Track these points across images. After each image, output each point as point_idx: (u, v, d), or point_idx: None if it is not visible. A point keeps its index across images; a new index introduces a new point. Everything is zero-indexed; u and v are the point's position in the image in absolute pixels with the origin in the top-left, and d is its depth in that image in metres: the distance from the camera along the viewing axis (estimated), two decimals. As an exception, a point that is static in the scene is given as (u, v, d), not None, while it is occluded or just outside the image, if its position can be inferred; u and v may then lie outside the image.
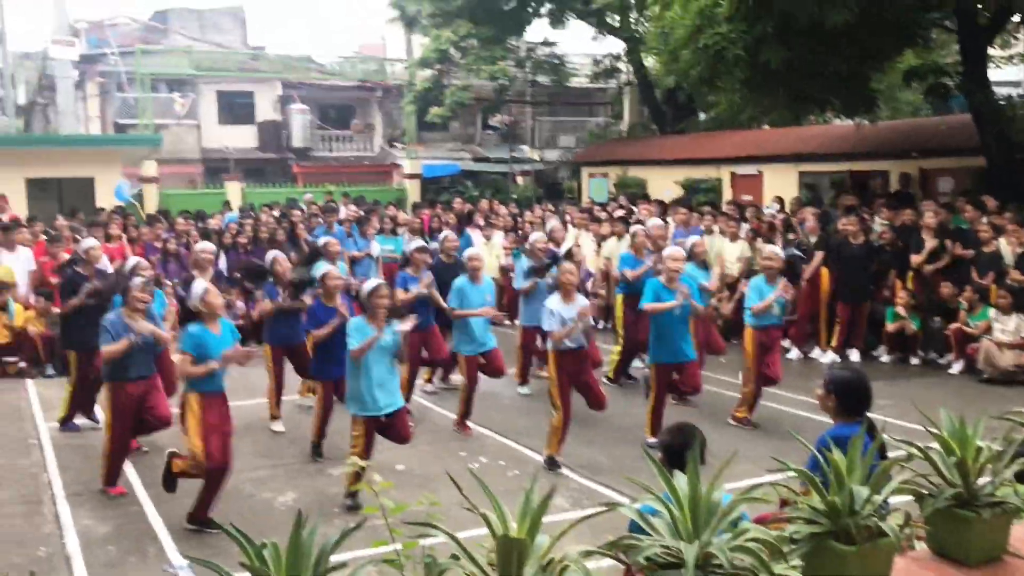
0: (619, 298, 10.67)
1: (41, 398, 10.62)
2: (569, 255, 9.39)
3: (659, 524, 2.36)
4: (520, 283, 10.37)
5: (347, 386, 7.18)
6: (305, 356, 8.98)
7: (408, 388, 9.61)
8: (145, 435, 8.01)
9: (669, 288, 8.40)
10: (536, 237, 10.56)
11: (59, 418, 9.26)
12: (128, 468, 7.93)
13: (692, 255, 9.57)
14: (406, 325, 7.19)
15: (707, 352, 10.15)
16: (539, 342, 10.36)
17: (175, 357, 7.35)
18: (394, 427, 7.12)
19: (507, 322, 12.80)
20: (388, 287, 7.29)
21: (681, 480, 2.43)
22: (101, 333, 7.17)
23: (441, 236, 11.45)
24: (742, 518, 2.64)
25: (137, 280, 7.39)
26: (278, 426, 9.15)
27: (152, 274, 8.92)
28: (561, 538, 2.32)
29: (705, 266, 10.07)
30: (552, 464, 7.75)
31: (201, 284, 6.76)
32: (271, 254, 9.59)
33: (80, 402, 9.23)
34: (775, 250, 9.44)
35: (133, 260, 9.03)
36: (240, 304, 12.55)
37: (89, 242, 9.76)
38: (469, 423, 9.06)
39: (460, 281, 9.14)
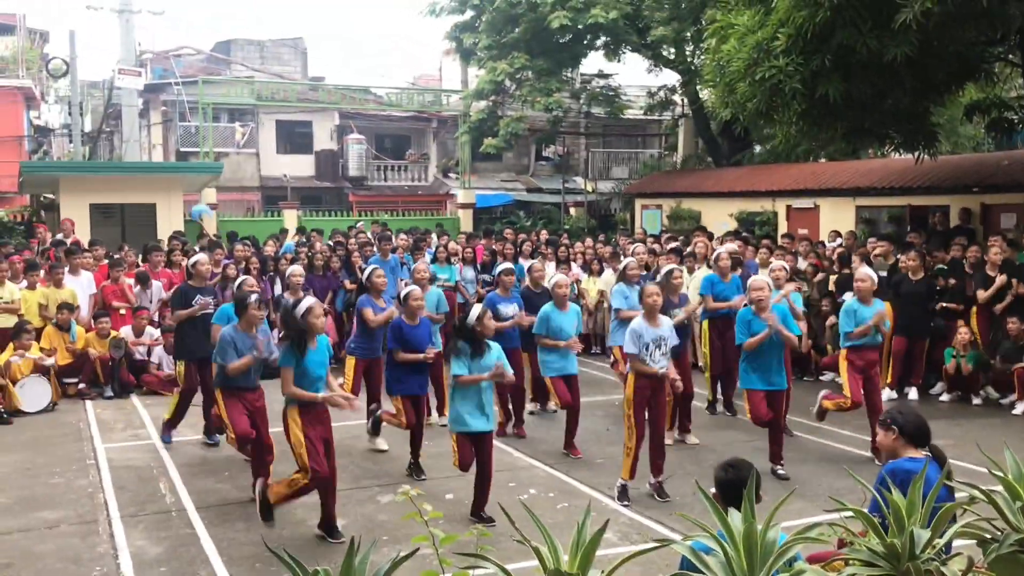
0: (704, 324, 10.63)
1: (99, 419, 10.82)
2: (669, 275, 9.45)
3: (713, 562, 2.32)
4: (618, 305, 10.33)
5: (449, 406, 7.45)
6: (380, 372, 9.25)
7: (504, 412, 9.87)
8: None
9: (759, 317, 8.38)
10: (629, 262, 10.58)
11: (164, 420, 9.76)
12: (181, 490, 8.04)
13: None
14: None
15: None
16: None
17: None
18: (483, 450, 7.30)
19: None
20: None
21: (736, 518, 2.39)
22: (222, 346, 7.64)
23: (527, 265, 11.57)
24: (797, 558, 2.59)
25: (253, 296, 7.81)
26: (383, 444, 9.33)
27: (259, 291, 9.37)
28: (613, 574, 2.29)
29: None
30: (623, 495, 7.73)
31: (309, 301, 7.05)
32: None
33: (183, 411, 9.62)
34: (868, 272, 9.40)
35: (241, 277, 9.64)
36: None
37: (198, 257, 10.18)
38: (519, 450, 9.08)
39: (547, 308, 9.31)
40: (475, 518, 7.18)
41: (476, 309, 7.39)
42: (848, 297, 9.89)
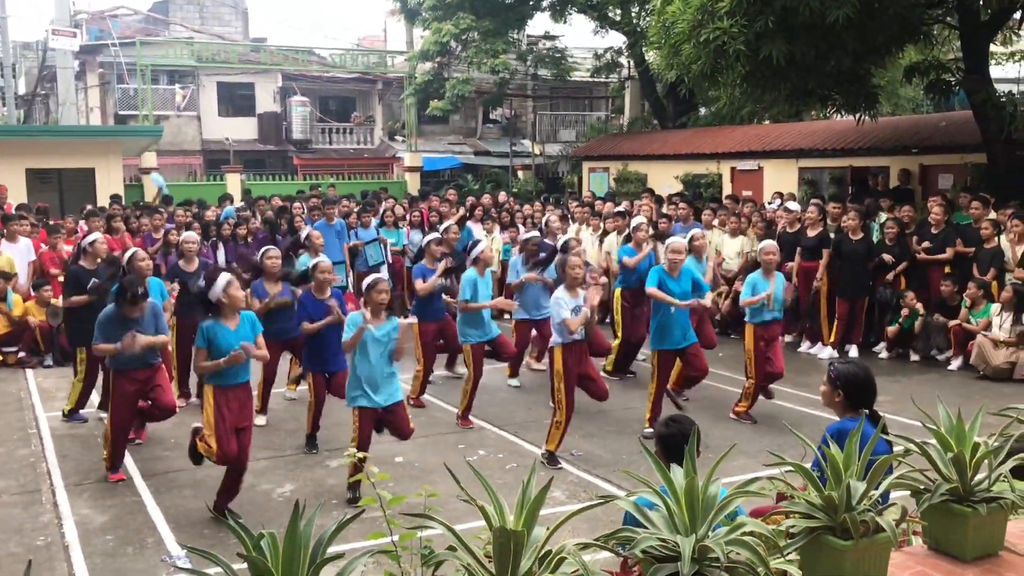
0: (617, 292, 10.67)
1: (40, 388, 10.63)
2: (566, 247, 9.40)
3: (656, 517, 2.37)
4: (512, 278, 10.40)
5: (348, 379, 7.19)
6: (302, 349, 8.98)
7: (424, 379, 9.72)
8: (151, 422, 8.02)
9: (672, 276, 8.51)
10: (529, 235, 10.61)
11: (65, 410, 9.26)
12: (127, 459, 7.95)
13: (690, 247, 9.68)
14: (406, 322, 7.20)
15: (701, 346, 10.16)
16: (532, 335, 10.44)
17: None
18: (393, 421, 7.09)
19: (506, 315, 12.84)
20: (388, 282, 7.26)
21: (678, 473, 2.43)
22: (96, 327, 7.27)
23: (443, 227, 11.44)
24: (738, 512, 2.65)
25: (130, 293, 7.26)
26: (260, 420, 9.11)
27: (150, 264, 8.92)
28: (557, 530, 2.32)
29: (700, 259, 10.17)
30: (552, 460, 7.75)
31: (225, 277, 6.69)
32: (264, 249, 9.58)
33: (86, 398, 9.21)
34: (772, 244, 9.48)
35: (132, 251, 8.98)
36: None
37: (94, 236, 9.64)
38: (471, 417, 9.08)
39: (471, 274, 9.22)
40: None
41: (372, 278, 7.20)
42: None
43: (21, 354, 11.84)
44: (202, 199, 17.96)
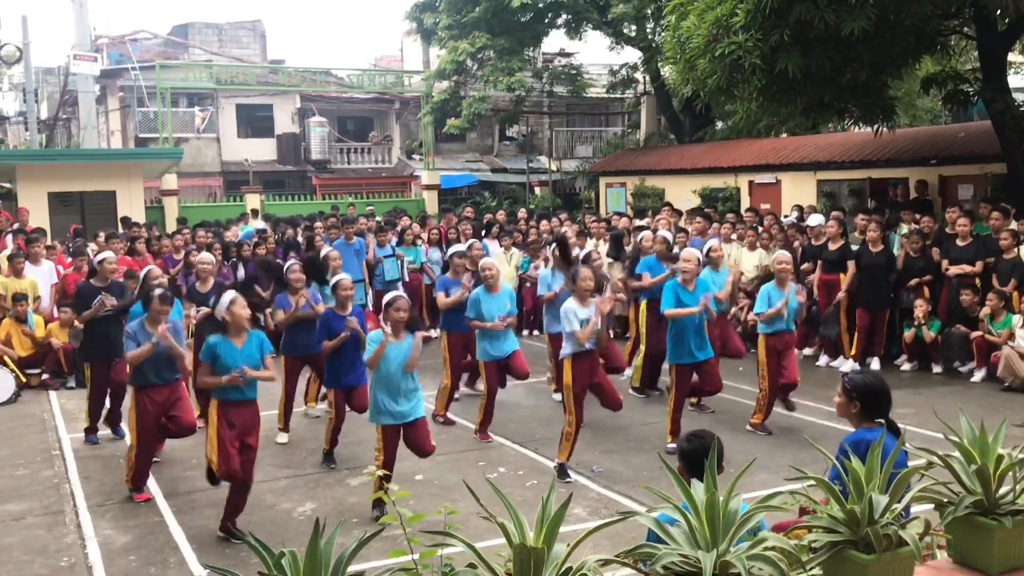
0: (643, 304, 10.62)
1: (63, 409, 10.71)
2: (588, 259, 9.42)
3: (677, 533, 2.35)
4: (543, 291, 10.38)
5: (368, 396, 7.20)
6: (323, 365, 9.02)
7: (450, 394, 9.77)
8: (171, 438, 8.08)
9: (686, 289, 8.50)
10: (549, 251, 10.67)
11: (84, 428, 9.38)
12: (149, 479, 7.99)
13: (708, 259, 9.70)
14: (419, 336, 7.22)
15: (726, 355, 10.12)
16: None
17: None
18: (414, 437, 7.08)
19: (524, 329, 12.87)
20: (407, 300, 7.28)
21: (699, 489, 2.42)
22: (125, 341, 7.42)
23: (467, 244, 11.50)
24: (760, 527, 2.63)
25: (157, 291, 7.50)
26: (283, 438, 9.20)
27: (166, 282, 9.03)
28: (578, 547, 2.32)
29: (717, 270, 10.13)
30: (562, 473, 7.75)
31: (230, 295, 6.78)
32: (289, 262, 9.70)
33: (97, 413, 9.30)
34: (786, 255, 9.50)
35: (147, 269, 9.14)
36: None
37: (105, 255, 9.82)
38: (490, 432, 9.08)
39: (477, 292, 9.20)
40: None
41: (392, 295, 7.23)
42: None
43: (44, 376, 11.93)
44: (219, 220, 18.10)
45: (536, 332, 14.33)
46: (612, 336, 9.09)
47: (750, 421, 9.14)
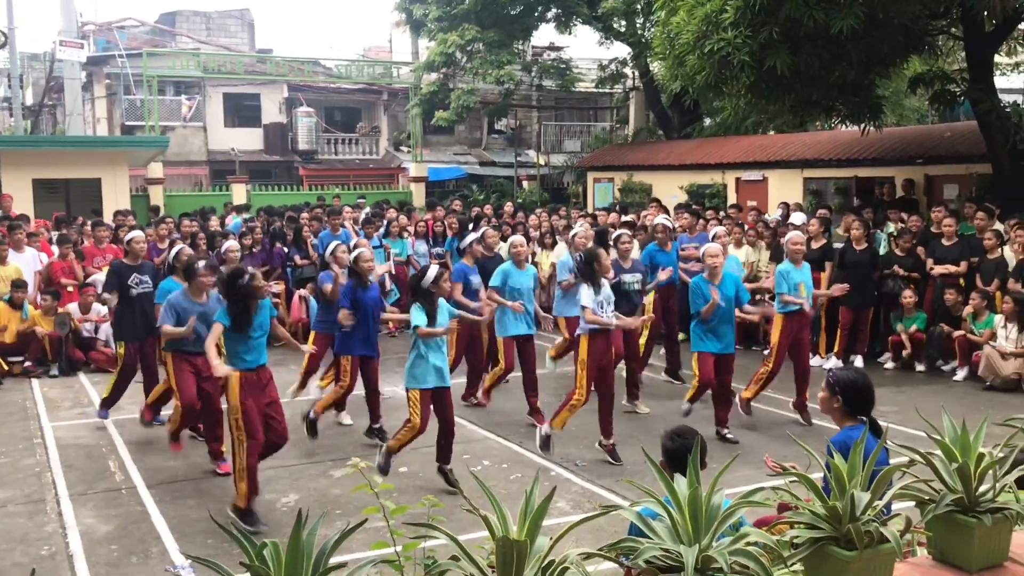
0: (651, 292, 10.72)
1: (46, 398, 10.66)
2: (618, 239, 9.74)
3: (659, 527, 2.36)
4: (563, 276, 10.50)
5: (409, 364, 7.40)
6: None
7: (501, 376, 9.96)
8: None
9: (712, 283, 8.68)
10: (578, 230, 10.72)
11: (102, 398, 9.55)
12: (131, 468, 7.97)
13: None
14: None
15: None
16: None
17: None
18: (441, 404, 7.34)
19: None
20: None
21: (681, 483, 2.43)
22: (164, 311, 7.74)
23: (482, 231, 11.52)
24: (742, 522, 2.64)
25: (202, 262, 7.82)
26: (346, 419, 9.36)
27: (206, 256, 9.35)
28: (561, 540, 2.32)
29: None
30: (545, 444, 8.03)
31: (251, 269, 7.12)
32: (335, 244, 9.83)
33: (121, 390, 9.38)
34: (799, 235, 9.78)
35: (179, 247, 9.39)
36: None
37: (134, 234, 9.87)
38: (476, 422, 9.18)
39: (506, 265, 9.48)
40: (441, 474, 7.28)
41: (433, 270, 7.38)
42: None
43: (27, 364, 11.87)
44: (204, 207, 18.01)
45: None
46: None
47: (740, 394, 9.26)
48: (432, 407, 7.32)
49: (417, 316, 7.21)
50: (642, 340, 10.46)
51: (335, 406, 9.25)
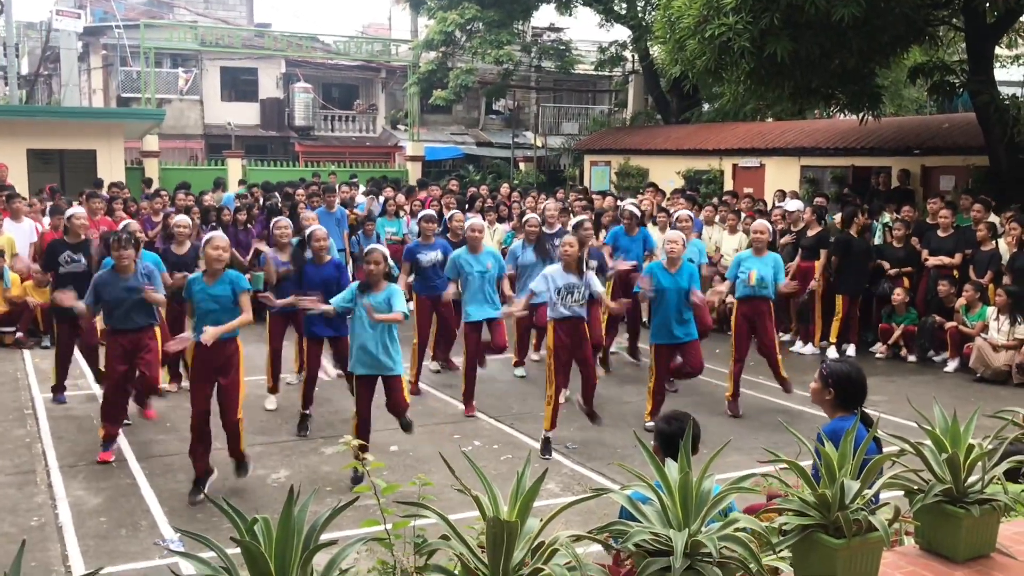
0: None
1: (37, 369, 10.64)
2: (578, 227, 9.43)
3: (649, 511, 2.37)
4: (512, 262, 10.38)
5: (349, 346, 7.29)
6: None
7: (419, 358, 9.83)
8: (137, 402, 8.06)
9: (668, 272, 8.59)
10: (529, 218, 10.63)
11: (52, 387, 9.35)
12: (122, 440, 7.96)
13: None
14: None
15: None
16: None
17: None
18: (390, 392, 7.16)
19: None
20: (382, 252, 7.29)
21: (672, 468, 2.43)
22: (89, 289, 7.51)
23: (448, 215, 11.47)
24: (732, 508, 2.65)
25: (122, 236, 7.51)
26: (271, 404, 9.19)
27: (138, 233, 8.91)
28: (551, 522, 2.33)
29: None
30: (545, 448, 7.85)
31: (212, 232, 7.09)
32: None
33: (64, 371, 9.25)
34: (765, 224, 9.75)
35: (125, 222, 9.17)
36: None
37: (74, 210, 9.67)
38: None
39: (458, 251, 9.24)
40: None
41: (370, 246, 7.31)
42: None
43: (19, 334, 11.84)
44: (185, 182, 17.91)
45: None
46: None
47: (725, 396, 9.36)
48: (385, 393, 7.16)
49: (342, 297, 7.20)
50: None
51: (269, 388, 9.28)
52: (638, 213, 11.09)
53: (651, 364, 8.75)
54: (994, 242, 11.23)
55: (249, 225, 13.72)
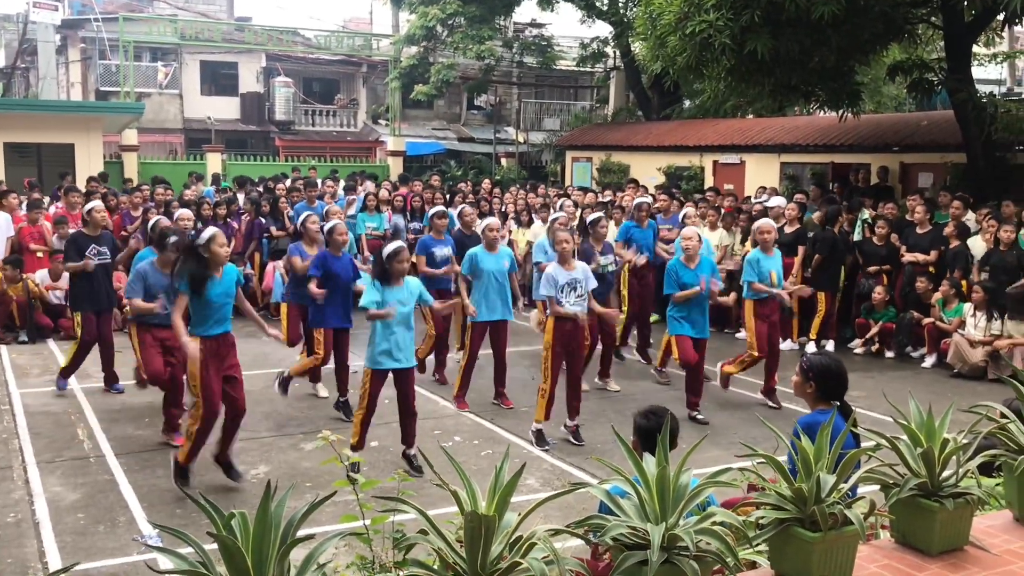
0: (625, 268, 10.68)
1: (14, 364, 10.55)
2: (596, 224, 9.54)
3: (627, 505, 2.38)
4: (540, 258, 10.36)
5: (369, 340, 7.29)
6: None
7: (434, 351, 10.01)
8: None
9: (688, 267, 8.73)
10: (557, 217, 10.57)
11: (60, 369, 9.45)
12: (100, 436, 7.92)
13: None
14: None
15: None
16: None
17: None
18: (406, 385, 7.23)
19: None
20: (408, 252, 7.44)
21: (650, 462, 2.45)
22: (131, 281, 7.72)
23: (459, 209, 11.50)
24: (709, 502, 2.66)
25: (173, 238, 7.70)
26: (322, 391, 9.35)
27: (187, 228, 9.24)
28: (529, 516, 2.34)
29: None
30: (540, 439, 7.91)
31: (212, 229, 6.92)
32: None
33: (79, 361, 9.29)
34: (770, 222, 9.79)
35: (156, 218, 9.17)
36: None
37: (94, 204, 9.72)
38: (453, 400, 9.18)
39: (476, 249, 9.23)
40: (404, 459, 7.27)
41: (392, 245, 7.28)
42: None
43: (-5, 330, 11.74)
44: (158, 175, 17.84)
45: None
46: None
47: (722, 367, 9.49)
48: (396, 387, 7.20)
49: (369, 294, 7.10)
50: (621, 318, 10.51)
51: (311, 377, 9.25)
52: (646, 204, 11.25)
53: (675, 355, 8.96)
54: (959, 240, 11.35)
55: (229, 219, 13.67)
